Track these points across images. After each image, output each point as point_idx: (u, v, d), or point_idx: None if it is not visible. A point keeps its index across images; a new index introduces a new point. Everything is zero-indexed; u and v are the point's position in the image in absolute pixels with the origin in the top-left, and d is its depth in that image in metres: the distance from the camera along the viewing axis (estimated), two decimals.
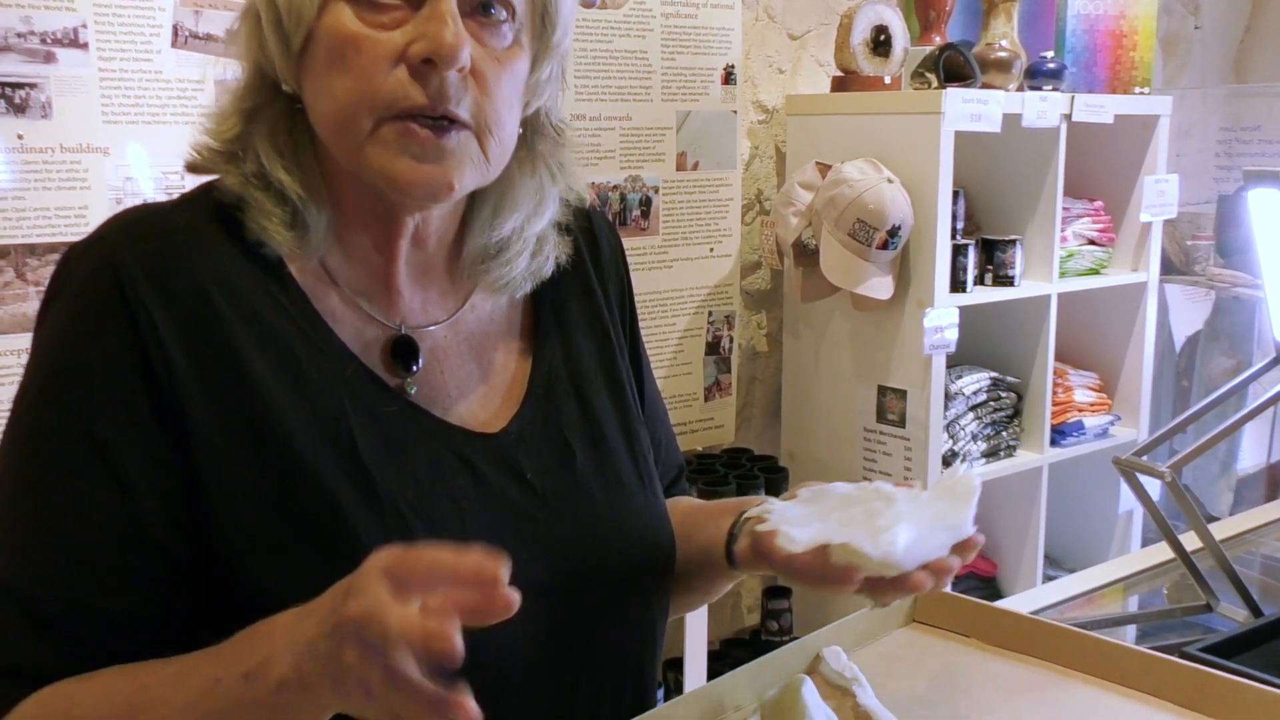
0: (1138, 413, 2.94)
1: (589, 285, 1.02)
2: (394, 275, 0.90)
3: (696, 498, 1.16)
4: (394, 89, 0.80)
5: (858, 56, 2.53)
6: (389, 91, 0.80)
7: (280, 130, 0.85)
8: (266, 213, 0.84)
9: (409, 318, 0.91)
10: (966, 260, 2.52)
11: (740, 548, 0.96)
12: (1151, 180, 2.83)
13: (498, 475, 0.90)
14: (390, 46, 0.80)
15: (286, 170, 0.84)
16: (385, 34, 0.80)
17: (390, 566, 0.67)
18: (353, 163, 0.83)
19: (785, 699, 0.89)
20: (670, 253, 2.58)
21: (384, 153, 0.81)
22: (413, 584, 0.66)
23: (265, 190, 0.84)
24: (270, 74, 0.85)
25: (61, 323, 0.82)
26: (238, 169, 0.85)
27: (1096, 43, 2.82)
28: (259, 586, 0.80)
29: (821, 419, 2.69)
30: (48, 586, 0.78)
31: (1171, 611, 1.49)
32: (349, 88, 0.80)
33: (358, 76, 0.80)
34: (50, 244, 1.82)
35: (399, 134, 0.80)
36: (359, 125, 0.81)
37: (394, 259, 0.90)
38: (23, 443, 0.81)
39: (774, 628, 2.77)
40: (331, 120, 0.82)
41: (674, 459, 1.14)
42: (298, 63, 0.83)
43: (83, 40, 1.82)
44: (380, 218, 0.88)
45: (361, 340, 0.88)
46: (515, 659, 0.86)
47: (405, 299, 0.91)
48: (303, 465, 0.81)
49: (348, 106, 0.81)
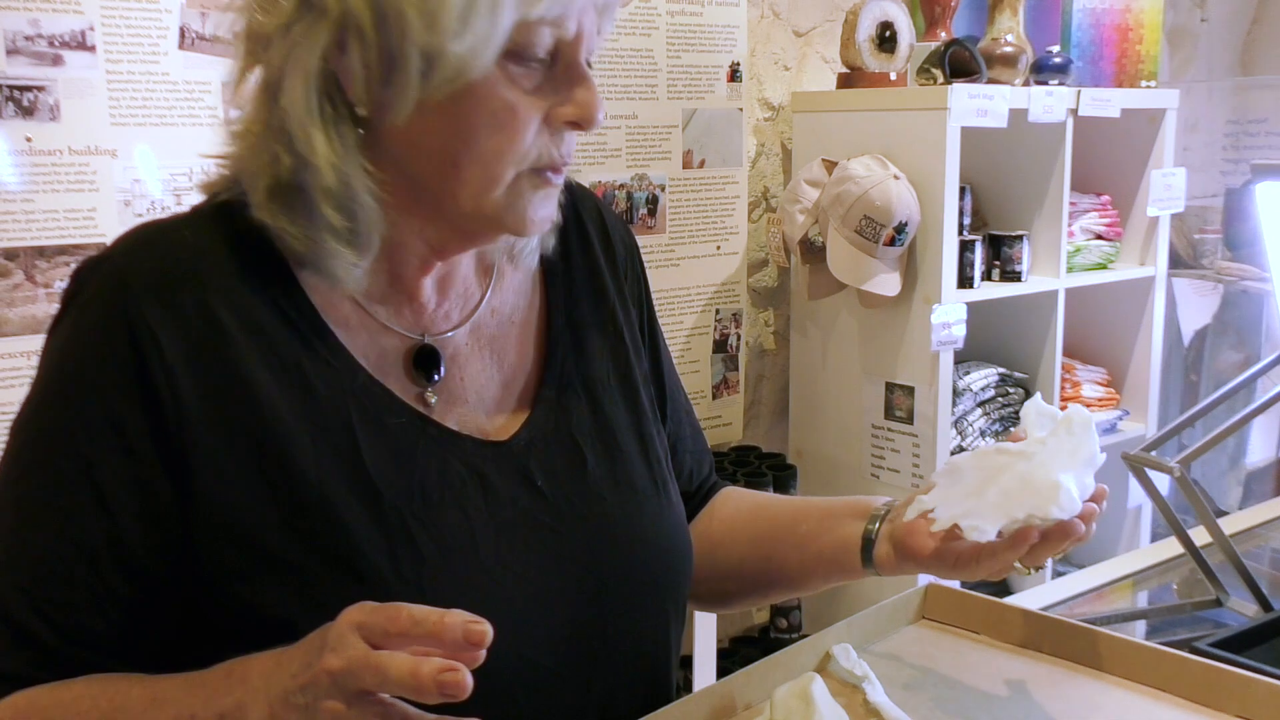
0: (1146, 408, 2.93)
1: (603, 285, 1.01)
2: (420, 288, 0.90)
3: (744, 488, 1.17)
4: (540, 150, 0.83)
5: (863, 53, 2.53)
6: (535, 153, 0.82)
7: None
8: (332, 252, 0.82)
9: (431, 326, 0.91)
10: (973, 256, 2.52)
11: (881, 553, 0.97)
12: (1159, 174, 2.82)
13: (507, 483, 0.89)
14: (538, 109, 0.82)
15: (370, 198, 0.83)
16: (533, 99, 0.81)
17: (363, 622, 0.68)
18: (471, 206, 0.83)
19: (795, 697, 0.89)
20: (677, 251, 2.58)
21: (518, 201, 0.84)
22: (387, 641, 0.67)
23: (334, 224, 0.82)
24: (332, 93, 0.80)
25: (65, 341, 0.83)
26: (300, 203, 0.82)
27: (1102, 37, 2.81)
28: (260, 603, 0.80)
29: (829, 416, 2.69)
30: (23, 598, 0.79)
31: (1181, 607, 1.48)
32: (498, 148, 0.81)
33: (510, 137, 0.81)
34: (59, 246, 1.83)
35: (535, 186, 0.84)
36: (502, 180, 0.82)
37: (425, 274, 0.90)
38: (18, 455, 0.82)
39: (783, 625, 2.77)
40: (467, 171, 0.81)
41: (704, 451, 1.14)
42: (397, 93, 0.79)
43: (90, 43, 1.83)
44: (429, 242, 0.88)
45: (378, 350, 0.88)
46: (529, 666, 0.86)
47: (429, 309, 0.91)
48: (307, 480, 0.81)
49: (494, 164, 0.81)
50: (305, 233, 0.81)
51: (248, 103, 0.84)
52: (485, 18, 0.76)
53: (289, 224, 0.81)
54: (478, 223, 0.85)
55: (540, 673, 0.87)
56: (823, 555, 1.02)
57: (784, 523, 1.06)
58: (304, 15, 0.78)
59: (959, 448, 2.58)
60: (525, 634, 0.86)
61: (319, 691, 0.68)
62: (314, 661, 0.69)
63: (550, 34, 0.80)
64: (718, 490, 1.15)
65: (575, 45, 0.82)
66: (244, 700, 0.72)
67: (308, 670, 0.69)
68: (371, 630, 0.68)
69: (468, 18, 0.76)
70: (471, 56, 0.77)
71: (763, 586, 1.10)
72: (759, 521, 1.08)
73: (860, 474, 2.62)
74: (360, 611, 0.69)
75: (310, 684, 0.68)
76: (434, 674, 0.64)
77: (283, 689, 0.70)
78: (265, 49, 0.80)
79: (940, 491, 0.91)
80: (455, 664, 0.65)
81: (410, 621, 0.67)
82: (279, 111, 0.80)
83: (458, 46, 0.76)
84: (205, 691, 0.75)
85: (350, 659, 0.67)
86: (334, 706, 0.67)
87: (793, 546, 1.04)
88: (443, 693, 0.64)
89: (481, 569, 0.85)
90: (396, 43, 0.77)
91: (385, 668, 0.65)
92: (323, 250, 0.82)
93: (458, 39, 0.76)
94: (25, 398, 0.84)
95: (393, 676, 0.65)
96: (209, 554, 0.81)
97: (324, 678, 0.68)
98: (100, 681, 0.79)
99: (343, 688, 0.67)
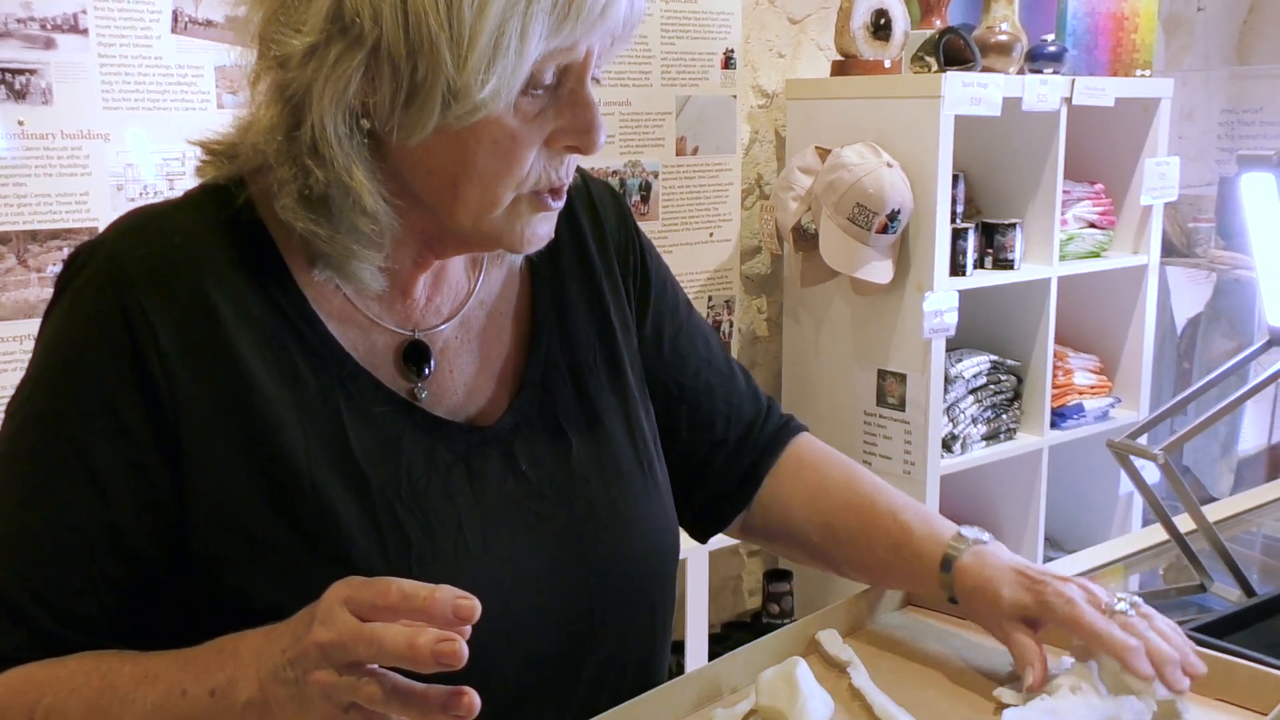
0: (1138, 395, 2.95)
1: (590, 263, 1.01)
2: (414, 284, 0.91)
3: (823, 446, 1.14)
4: (539, 175, 0.83)
5: (858, 40, 2.53)
6: (535, 176, 0.83)
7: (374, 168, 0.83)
8: (360, 256, 0.83)
9: (421, 321, 0.92)
10: (966, 244, 2.53)
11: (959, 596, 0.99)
12: (1152, 163, 2.83)
13: (492, 468, 0.90)
14: (540, 135, 0.82)
15: (385, 210, 0.83)
16: (535, 125, 0.81)
17: (351, 596, 0.69)
18: (469, 224, 0.84)
19: (781, 680, 0.90)
20: (670, 238, 2.59)
21: (516, 221, 0.84)
22: (376, 614, 0.68)
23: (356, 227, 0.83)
24: (354, 108, 0.80)
25: (60, 326, 0.83)
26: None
27: (1098, 25, 2.81)
28: (249, 588, 0.81)
29: (822, 403, 2.70)
30: (18, 580, 0.80)
31: (1166, 592, 1.50)
32: (497, 173, 0.81)
33: (510, 164, 0.81)
34: (52, 230, 1.83)
35: (534, 208, 0.85)
36: (500, 202, 0.83)
37: (421, 271, 0.91)
38: (13, 439, 0.83)
39: (775, 610, 2.78)
40: (466, 193, 0.82)
41: (744, 394, 1.11)
42: (416, 118, 0.79)
43: (83, 26, 1.83)
44: (428, 242, 0.88)
45: (368, 344, 0.89)
46: (517, 648, 0.87)
47: (420, 304, 0.92)
48: (296, 468, 0.82)
49: (492, 188, 0.82)
50: (333, 236, 0.82)
51: (259, 104, 0.83)
52: (512, 57, 0.76)
53: (318, 228, 0.82)
54: (475, 238, 0.86)
55: (528, 655, 0.88)
56: (904, 572, 1.02)
57: (881, 537, 1.03)
58: (336, 40, 0.77)
59: (950, 435, 2.59)
60: (513, 617, 0.87)
61: (308, 663, 0.69)
62: (303, 635, 0.70)
63: (560, 60, 0.80)
64: (792, 435, 1.12)
65: (583, 68, 0.81)
66: (234, 676, 0.73)
67: (297, 644, 0.70)
68: (360, 604, 0.68)
69: (495, 57, 0.76)
70: (493, 96, 0.77)
71: (829, 567, 1.10)
72: (850, 517, 1.06)
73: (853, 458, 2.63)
74: (348, 586, 0.70)
75: (299, 657, 0.69)
76: (430, 644, 0.65)
77: (272, 664, 0.71)
78: (285, 64, 0.79)
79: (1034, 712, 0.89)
80: (451, 634, 0.66)
81: (400, 596, 0.68)
82: (308, 129, 0.79)
83: (483, 84, 0.76)
84: (196, 667, 0.76)
85: (341, 631, 0.68)
86: (323, 677, 0.68)
87: (876, 565, 1.04)
88: (439, 662, 0.65)
89: (468, 554, 0.86)
90: (425, 74, 0.77)
91: (380, 638, 0.66)
92: (350, 254, 0.83)
93: (484, 76, 0.76)
94: (20, 382, 0.85)
95: (388, 647, 0.66)
96: (200, 538, 0.81)
97: (313, 649, 0.68)
98: (93, 658, 0.80)
99: (332, 659, 0.68)
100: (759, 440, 1.10)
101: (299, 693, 0.70)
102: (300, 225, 0.82)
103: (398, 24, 0.76)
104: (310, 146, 0.80)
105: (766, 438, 1.10)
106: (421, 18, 0.75)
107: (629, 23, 0.81)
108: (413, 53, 0.76)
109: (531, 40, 0.76)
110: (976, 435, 2.65)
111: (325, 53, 0.77)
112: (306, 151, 0.80)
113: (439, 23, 0.75)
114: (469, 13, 0.75)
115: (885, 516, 1.04)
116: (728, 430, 1.09)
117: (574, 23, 0.77)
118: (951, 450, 2.60)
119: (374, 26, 0.76)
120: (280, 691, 0.71)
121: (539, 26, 0.76)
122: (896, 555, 1.01)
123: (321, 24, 0.77)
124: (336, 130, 0.79)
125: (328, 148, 0.79)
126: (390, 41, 0.76)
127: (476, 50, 0.75)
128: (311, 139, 0.79)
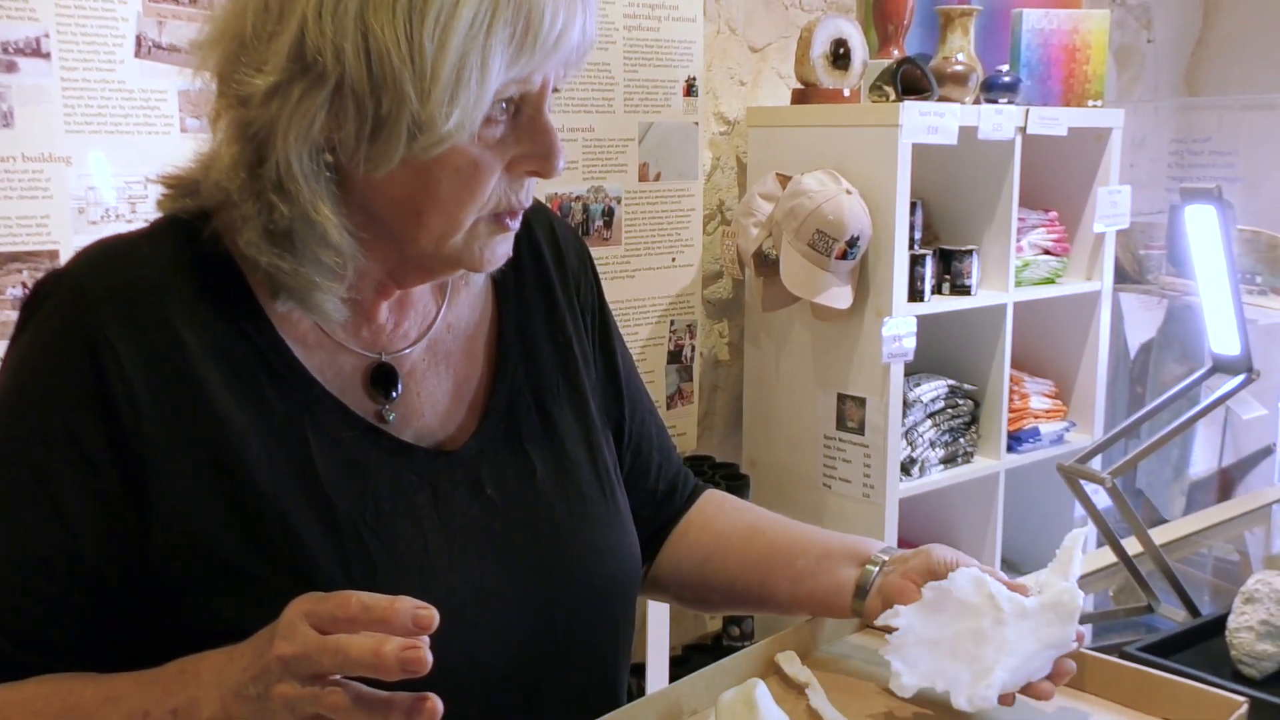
0: (1093, 419, 2.99)
1: (553, 296, 1.03)
2: (377, 310, 0.92)
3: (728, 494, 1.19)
4: (499, 198, 0.85)
5: (818, 69, 2.57)
6: (495, 201, 0.85)
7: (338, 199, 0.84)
8: (322, 288, 0.84)
9: (388, 345, 0.93)
10: (924, 270, 2.57)
11: (872, 604, 1.02)
12: (1105, 191, 2.88)
13: (458, 492, 0.91)
14: (501, 161, 0.83)
15: (347, 242, 0.84)
16: (495, 152, 0.83)
17: (311, 610, 0.70)
18: (431, 248, 0.85)
19: (740, 702, 0.91)
20: (632, 262, 2.61)
21: (475, 243, 0.86)
22: (336, 626, 0.69)
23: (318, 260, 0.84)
24: (319, 144, 0.81)
25: (24, 354, 0.83)
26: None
27: (1051, 56, 2.87)
28: (215, 612, 0.82)
29: (782, 427, 2.72)
30: None
31: (1115, 613, 1.53)
32: (463, 199, 0.83)
33: (472, 190, 0.83)
34: (11, 253, 1.82)
35: (493, 231, 0.87)
36: (462, 226, 0.84)
37: (383, 299, 0.92)
38: None
39: (735, 633, 2.79)
40: (429, 219, 0.83)
41: (672, 449, 1.17)
42: (381, 152, 0.80)
43: (45, 50, 1.82)
44: (390, 272, 0.90)
45: (335, 368, 0.90)
46: (481, 670, 0.88)
47: (386, 329, 0.93)
48: (262, 493, 0.83)
49: (455, 213, 0.83)
50: (297, 270, 0.83)
51: (220, 141, 0.84)
52: (474, 89, 0.78)
53: (282, 262, 0.83)
54: (436, 261, 0.87)
55: (491, 677, 0.89)
56: (815, 594, 1.06)
57: (781, 552, 1.09)
58: (299, 79, 0.78)
59: (909, 459, 2.62)
60: (477, 639, 0.88)
61: (271, 679, 0.70)
62: (265, 651, 0.70)
63: (517, 89, 0.82)
64: (700, 493, 1.17)
65: (540, 95, 0.84)
66: (197, 696, 0.74)
67: (259, 661, 0.71)
68: (320, 617, 0.70)
69: (457, 89, 0.77)
70: (458, 128, 0.79)
71: (749, 605, 1.13)
72: (755, 545, 1.10)
73: (812, 484, 2.66)
74: (308, 601, 0.71)
75: (262, 673, 0.70)
76: (396, 651, 0.67)
77: (234, 682, 0.72)
78: (247, 103, 0.80)
79: (915, 613, 0.96)
80: (415, 641, 0.67)
81: (360, 607, 0.69)
82: (272, 165, 0.80)
83: (447, 116, 0.78)
84: (158, 688, 0.76)
85: (304, 643, 0.69)
86: (286, 690, 0.69)
87: (787, 579, 1.07)
88: (405, 669, 0.67)
89: (434, 577, 0.87)
90: (389, 109, 0.78)
91: (346, 648, 0.68)
92: (313, 286, 0.84)
93: (448, 109, 0.77)
94: None
95: (354, 656, 0.67)
96: (165, 564, 0.82)
97: (275, 664, 0.69)
98: (53, 681, 0.80)
99: (295, 672, 0.69)
100: (677, 501, 1.15)
101: (262, 708, 0.70)
102: (264, 260, 0.82)
103: (360, 61, 0.77)
104: (275, 183, 0.80)
105: (682, 500, 1.15)
106: (384, 54, 0.76)
107: (581, 49, 0.84)
108: (376, 89, 0.77)
109: (492, 71, 0.78)
110: (934, 459, 2.68)
111: (288, 91, 0.78)
112: (271, 188, 0.81)
113: (401, 59, 0.76)
114: (430, 47, 0.76)
115: (795, 532, 1.11)
116: (659, 481, 1.13)
117: (531, 52, 0.79)
118: (910, 474, 2.63)
119: (336, 64, 0.77)
120: (243, 709, 0.71)
121: (498, 58, 0.78)
122: (820, 561, 1.07)
123: (283, 63, 0.78)
124: (302, 167, 0.80)
125: (293, 184, 0.80)
126: (353, 78, 0.77)
127: (439, 84, 0.77)
128: (276, 175, 0.80)
